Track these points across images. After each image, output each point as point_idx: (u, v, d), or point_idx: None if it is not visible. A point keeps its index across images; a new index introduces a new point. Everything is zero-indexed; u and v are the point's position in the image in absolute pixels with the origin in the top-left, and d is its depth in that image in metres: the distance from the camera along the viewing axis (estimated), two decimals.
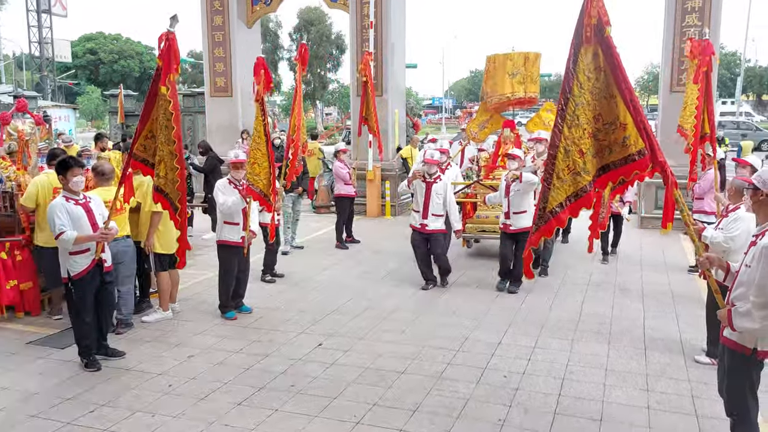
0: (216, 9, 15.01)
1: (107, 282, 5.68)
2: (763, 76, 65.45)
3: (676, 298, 7.61)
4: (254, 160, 6.68)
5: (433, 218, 7.91)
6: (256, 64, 6.60)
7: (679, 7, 11.79)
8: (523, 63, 9.73)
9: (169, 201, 5.29)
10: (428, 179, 7.88)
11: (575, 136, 4.04)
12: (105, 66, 55.96)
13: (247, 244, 6.97)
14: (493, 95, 9.95)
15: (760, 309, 3.49)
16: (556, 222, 4.23)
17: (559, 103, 4.16)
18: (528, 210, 7.65)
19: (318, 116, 52.66)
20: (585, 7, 3.93)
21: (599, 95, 4.01)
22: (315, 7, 44.53)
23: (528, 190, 7.73)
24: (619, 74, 3.94)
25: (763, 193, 3.66)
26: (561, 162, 4.09)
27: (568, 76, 4.05)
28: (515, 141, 9.75)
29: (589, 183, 4.07)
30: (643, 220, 12.14)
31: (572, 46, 4.04)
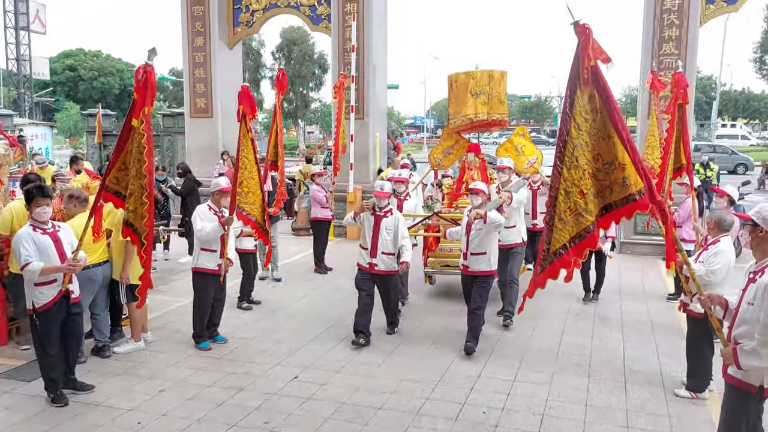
0: (197, 30, 14.93)
1: (74, 313, 5.50)
2: (738, 100, 66.89)
3: (655, 327, 7.59)
4: (248, 189, 6.61)
5: (383, 257, 6.90)
6: (241, 93, 6.53)
7: (656, 35, 11.96)
8: (488, 82, 8.72)
9: (137, 235, 5.17)
10: (378, 212, 6.96)
11: (575, 177, 4.08)
12: (84, 83, 55.46)
13: (223, 272, 6.83)
14: (456, 117, 8.98)
15: (766, 346, 3.48)
16: (561, 264, 4.24)
17: (557, 146, 4.20)
18: (488, 252, 6.76)
19: (300, 135, 52.54)
20: (581, 49, 3.96)
21: (597, 136, 4.06)
22: (298, 27, 44.66)
23: (491, 231, 6.77)
24: (615, 115, 3.99)
25: (763, 229, 3.67)
26: (562, 203, 4.13)
27: (565, 119, 4.11)
28: (480, 167, 8.96)
29: (592, 223, 4.09)
30: (623, 245, 12.18)
31: (568, 89, 4.10)
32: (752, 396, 3.65)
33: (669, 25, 11.89)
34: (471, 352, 6.56)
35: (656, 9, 11.92)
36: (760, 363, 3.51)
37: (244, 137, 6.53)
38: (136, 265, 6.46)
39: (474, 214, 6.69)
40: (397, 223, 6.98)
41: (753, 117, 70.11)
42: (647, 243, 11.88)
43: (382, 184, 7.10)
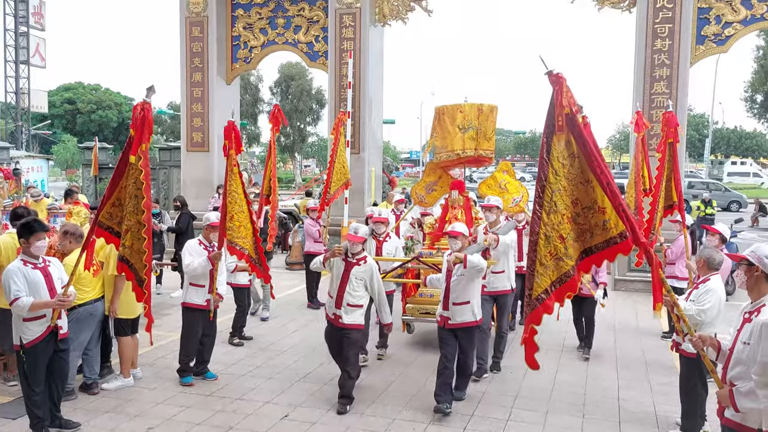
0: (196, 66, 15.12)
1: (61, 350, 5.43)
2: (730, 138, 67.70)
3: (649, 365, 7.54)
4: (239, 223, 6.52)
5: (349, 309, 6.05)
6: (227, 128, 6.58)
7: (647, 75, 12.17)
8: (477, 116, 8.11)
9: (134, 272, 5.15)
10: (350, 258, 6.14)
11: (554, 222, 4.10)
12: (83, 115, 55.84)
13: (213, 307, 6.78)
14: (441, 152, 8.35)
15: (764, 387, 3.45)
16: (544, 310, 4.19)
17: (536, 191, 4.23)
18: (472, 301, 6.09)
19: (297, 168, 52.81)
20: (555, 97, 4.03)
21: (575, 181, 4.10)
22: (296, 63, 45.25)
23: (474, 277, 6.07)
24: (593, 160, 4.03)
25: (758, 269, 3.66)
26: (542, 248, 4.13)
27: (542, 165, 4.15)
28: (464, 206, 8.27)
29: (572, 267, 4.09)
30: (617, 282, 12.18)
31: (544, 135, 4.16)
32: None
33: (660, 65, 12.10)
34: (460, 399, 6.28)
35: (647, 49, 12.15)
36: (758, 405, 3.46)
37: (231, 171, 6.54)
38: (131, 298, 6.48)
39: (453, 259, 6.03)
40: (371, 273, 6.14)
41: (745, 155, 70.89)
42: (641, 280, 11.87)
43: (357, 227, 6.14)
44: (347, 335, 6.08)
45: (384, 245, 7.82)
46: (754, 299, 3.71)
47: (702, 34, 12.21)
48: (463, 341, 6.13)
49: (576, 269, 4.08)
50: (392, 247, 7.89)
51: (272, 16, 14.92)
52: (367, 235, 6.27)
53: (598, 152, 4.15)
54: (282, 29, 14.89)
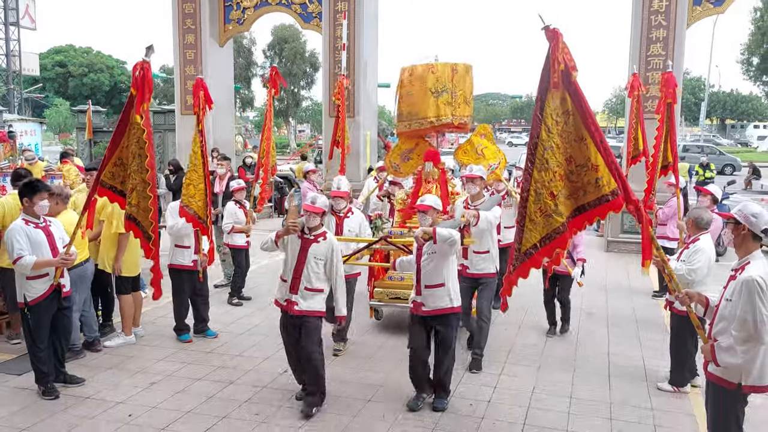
0: (188, 27, 14.95)
1: (65, 307, 5.55)
2: (726, 101, 67.53)
3: (640, 323, 7.72)
4: (189, 181, 6.47)
5: (307, 294, 5.21)
6: (195, 85, 6.57)
7: (644, 36, 12.11)
8: (451, 77, 7.04)
9: (142, 229, 5.24)
10: (307, 235, 5.28)
11: (545, 179, 4.13)
12: (74, 79, 55.17)
13: (201, 267, 6.89)
14: (411, 119, 7.19)
15: (742, 343, 3.57)
16: (531, 263, 4.28)
17: (528, 148, 4.26)
18: (447, 283, 5.25)
19: (291, 133, 52.52)
20: (551, 53, 4.01)
21: (569, 138, 4.11)
22: (289, 25, 44.62)
23: (447, 253, 5.20)
24: (588, 117, 4.04)
25: (745, 227, 3.74)
26: (532, 204, 4.18)
27: (535, 122, 4.15)
28: (440, 178, 7.28)
29: (562, 224, 4.14)
30: (609, 243, 12.33)
31: (539, 92, 4.14)
32: (732, 393, 3.71)
33: (656, 27, 12.04)
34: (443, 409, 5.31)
35: (643, 11, 12.07)
36: (737, 360, 3.59)
37: (195, 132, 6.50)
38: (133, 256, 6.60)
39: (421, 234, 5.22)
40: (331, 252, 5.27)
41: (741, 118, 70.80)
42: (634, 241, 12.03)
43: (314, 196, 5.27)
44: (305, 323, 5.21)
45: (345, 222, 6.66)
46: (741, 257, 3.80)
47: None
48: (440, 332, 5.29)
49: (568, 226, 4.14)
50: (355, 223, 6.72)
51: None
52: (326, 207, 5.37)
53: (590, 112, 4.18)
54: None
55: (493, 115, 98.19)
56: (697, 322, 4.01)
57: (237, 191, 8.32)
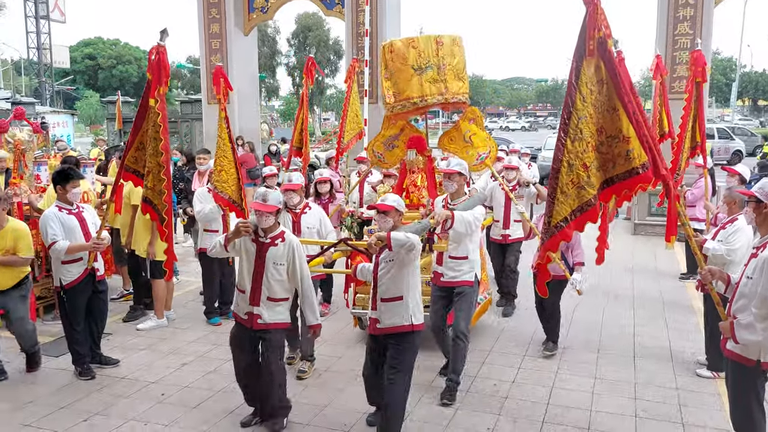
0: (213, 17, 15.11)
1: (100, 291, 5.74)
2: (759, 82, 65.83)
3: (666, 305, 7.67)
4: (221, 167, 6.54)
5: (270, 304, 4.57)
6: (215, 74, 6.65)
7: (671, 15, 11.92)
8: (436, 51, 6.24)
9: (157, 212, 5.37)
10: (263, 238, 4.54)
11: (579, 150, 4.01)
12: (103, 71, 56.08)
13: None
14: (395, 101, 6.40)
15: (762, 320, 3.55)
16: (561, 236, 4.15)
17: (561, 117, 4.13)
18: (406, 296, 4.38)
19: (316, 122, 52.76)
20: (588, 20, 3.91)
21: (602, 108, 4.01)
22: (313, 13, 44.70)
23: (406, 262, 4.32)
24: (622, 87, 3.93)
25: (766, 205, 3.71)
26: (565, 176, 4.05)
27: (570, 90, 4.03)
28: (426, 168, 6.60)
29: (594, 196, 4.05)
30: (636, 226, 12.22)
31: (574, 60, 4.02)
32: (751, 370, 3.70)
33: (683, 5, 11.85)
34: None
35: None
36: (756, 337, 3.58)
37: (219, 118, 6.59)
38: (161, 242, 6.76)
39: (375, 241, 4.26)
40: (293, 253, 4.54)
41: None
42: (661, 224, 11.87)
43: (264, 192, 4.51)
44: (269, 337, 4.58)
45: (303, 218, 5.85)
46: (763, 234, 3.78)
47: None
48: (392, 354, 4.39)
49: (597, 198, 4.06)
50: (314, 219, 5.88)
51: None
52: (279, 204, 4.56)
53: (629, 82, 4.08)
54: None
55: (519, 100, 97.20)
56: (717, 299, 4.00)
57: (268, 177, 8.31)
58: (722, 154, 25.00)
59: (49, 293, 7.17)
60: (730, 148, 25.96)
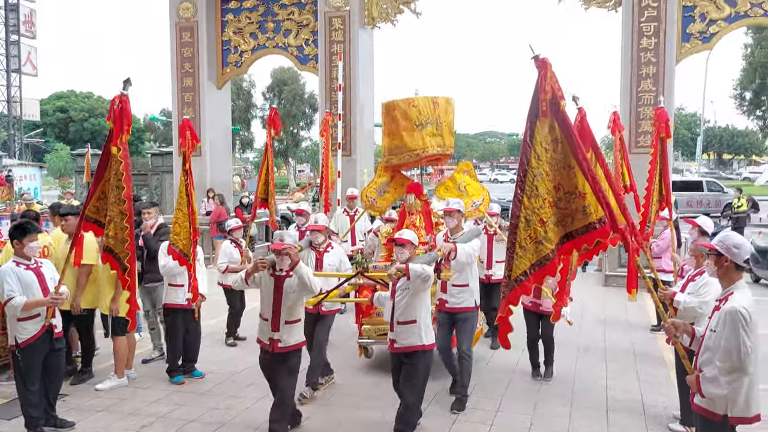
0: (186, 71, 15.21)
1: (57, 349, 5.51)
2: (722, 136, 68.13)
3: (638, 357, 7.65)
4: (176, 220, 6.53)
5: (287, 328, 5.13)
6: (181, 127, 6.67)
7: (634, 73, 12.32)
8: (433, 110, 7.27)
9: (118, 261, 5.24)
10: (279, 273, 5.13)
11: (535, 206, 4.15)
12: (75, 124, 55.85)
13: (195, 307, 6.87)
14: (400, 153, 7.37)
15: (726, 374, 3.52)
16: (521, 290, 4.26)
17: (518, 175, 4.30)
18: (419, 320, 5.17)
19: (290, 173, 52.89)
20: (540, 83, 4.10)
21: (558, 166, 4.16)
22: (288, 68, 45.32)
23: (419, 289, 5.14)
24: (577, 145, 4.09)
25: (727, 258, 3.74)
26: (522, 231, 4.18)
27: (525, 149, 4.20)
28: (423, 211, 7.29)
29: (551, 251, 4.15)
30: (608, 278, 12.30)
31: (528, 120, 4.20)
32: (719, 425, 3.65)
33: (646, 63, 12.27)
34: None
35: (633, 47, 12.31)
36: (721, 391, 3.55)
37: (181, 172, 6.55)
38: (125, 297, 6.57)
39: (394, 271, 5.09)
40: (304, 278, 5.00)
41: (737, 152, 71.30)
42: None
43: (281, 234, 5.09)
44: (289, 358, 5.17)
45: (325, 257, 6.46)
46: (725, 287, 3.79)
47: (687, 31, 12.37)
48: (407, 370, 5.20)
49: (557, 253, 4.16)
50: (335, 258, 6.51)
51: (262, 21, 15.04)
52: (294, 242, 5.17)
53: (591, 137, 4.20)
54: (272, 33, 15.00)
55: (491, 153, 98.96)
56: (683, 352, 4.00)
57: (234, 230, 8.35)
58: (713, 207, 25.21)
59: (4, 352, 6.87)
60: (721, 201, 25.69)
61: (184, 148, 6.53)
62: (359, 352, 7.23)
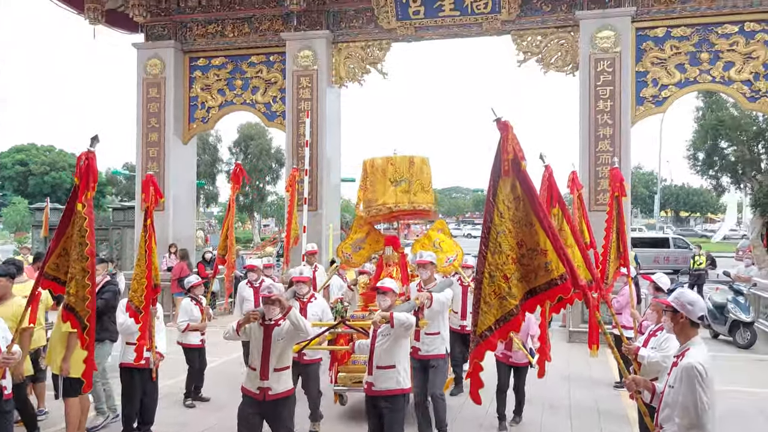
0: (152, 126, 15.19)
1: (6, 411, 5.24)
2: (679, 194, 70.33)
3: (602, 414, 7.65)
4: (134, 276, 6.42)
5: (276, 375, 5.26)
6: (145, 181, 6.65)
7: (592, 134, 12.76)
8: (408, 168, 7.80)
9: (79, 319, 5.10)
10: (268, 322, 5.33)
11: (499, 262, 4.22)
12: (35, 177, 54.85)
13: (153, 366, 6.67)
14: (375, 206, 7.86)
15: (685, 431, 3.54)
16: (487, 346, 4.28)
17: (482, 232, 4.38)
18: (398, 365, 5.43)
19: (255, 228, 52.53)
20: (502, 144, 4.24)
21: (520, 223, 4.26)
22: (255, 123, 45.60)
23: (401, 337, 5.46)
24: (536, 204, 4.21)
25: (683, 315, 3.81)
26: (487, 287, 4.24)
27: (489, 207, 4.31)
28: (400, 263, 7.81)
29: (515, 306, 4.20)
30: (572, 334, 12.38)
31: (491, 179, 4.33)
32: None
33: (603, 125, 12.72)
34: None
35: (591, 110, 12.79)
36: None
37: (143, 227, 6.48)
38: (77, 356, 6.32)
39: (379, 318, 5.42)
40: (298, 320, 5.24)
41: (693, 210, 73.52)
42: None
43: (270, 285, 5.45)
44: (277, 409, 5.27)
45: (309, 307, 6.90)
46: (681, 343, 3.87)
47: (641, 95, 12.92)
48: (385, 414, 5.38)
49: (520, 308, 4.21)
50: (318, 308, 6.98)
51: (230, 78, 15.21)
52: (281, 294, 5.43)
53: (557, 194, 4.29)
54: (240, 90, 15.16)
55: (457, 208, 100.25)
56: (644, 408, 4.04)
57: (194, 287, 8.21)
58: (680, 263, 25.72)
59: None
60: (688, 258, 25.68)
61: (147, 204, 6.46)
62: (334, 399, 7.48)
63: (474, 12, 13.38)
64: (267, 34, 14.81)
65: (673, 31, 12.70)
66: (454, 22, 13.67)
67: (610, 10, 12.70)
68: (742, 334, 11.82)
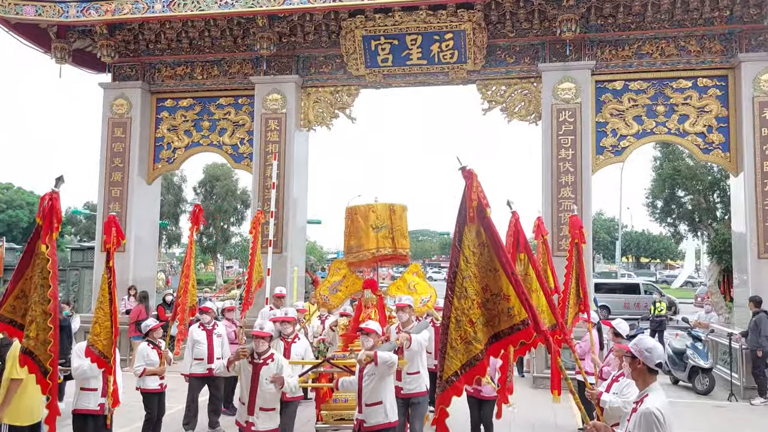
0: (116, 165, 15.01)
1: None
2: (639, 240, 71.87)
3: None
4: (96, 319, 6.20)
5: (262, 414, 5.89)
6: (106, 223, 6.56)
7: (554, 181, 13.06)
8: (389, 215, 8.39)
9: (38, 363, 4.94)
10: (257, 360, 5.95)
11: (464, 307, 4.28)
12: None
13: (107, 412, 6.44)
14: (358, 251, 8.42)
15: None
16: (453, 391, 4.29)
17: (448, 277, 4.46)
18: (384, 401, 5.94)
19: (218, 269, 51.77)
20: (467, 191, 4.36)
21: (485, 269, 4.34)
22: (221, 164, 45.42)
23: (386, 374, 5.95)
24: (500, 250, 4.31)
25: (640, 361, 3.88)
26: (453, 332, 4.28)
27: (454, 252, 4.40)
28: (378, 305, 8.20)
29: (481, 351, 4.24)
30: (535, 379, 12.39)
31: (457, 225, 4.43)
32: None
33: (565, 172, 13.04)
34: None
35: (553, 158, 13.12)
36: None
37: (104, 269, 6.35)
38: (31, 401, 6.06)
39: (363, 358, 5.92)
40: (280, 368, 6.02)
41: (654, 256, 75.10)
42: None
43: (262, 323, 6.07)
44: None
45: (293, 347, 7.47)
46: (640, 389, 3.93)
47: (601, 145, 13.33)
48: None
49: (485, 353, 4.24)
50: (302, 348, 7.50)
51: (197, 119, 15.19)
52: (273, 332, 6.20)
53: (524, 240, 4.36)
54: (207, 131, 15.13)
55: (423, 251, 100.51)
56: None
57: (152, 330, 8.00)
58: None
59: None
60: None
61: (109, 245, 6.34)
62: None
63: (441, 61, 13.72)
64: (236, 77, 14.90)
65: (631, 84, 13.24)
66: (422, 71, 13.98)
67: (571, 63, 13.17)
68: (701, 380, 11.98)
